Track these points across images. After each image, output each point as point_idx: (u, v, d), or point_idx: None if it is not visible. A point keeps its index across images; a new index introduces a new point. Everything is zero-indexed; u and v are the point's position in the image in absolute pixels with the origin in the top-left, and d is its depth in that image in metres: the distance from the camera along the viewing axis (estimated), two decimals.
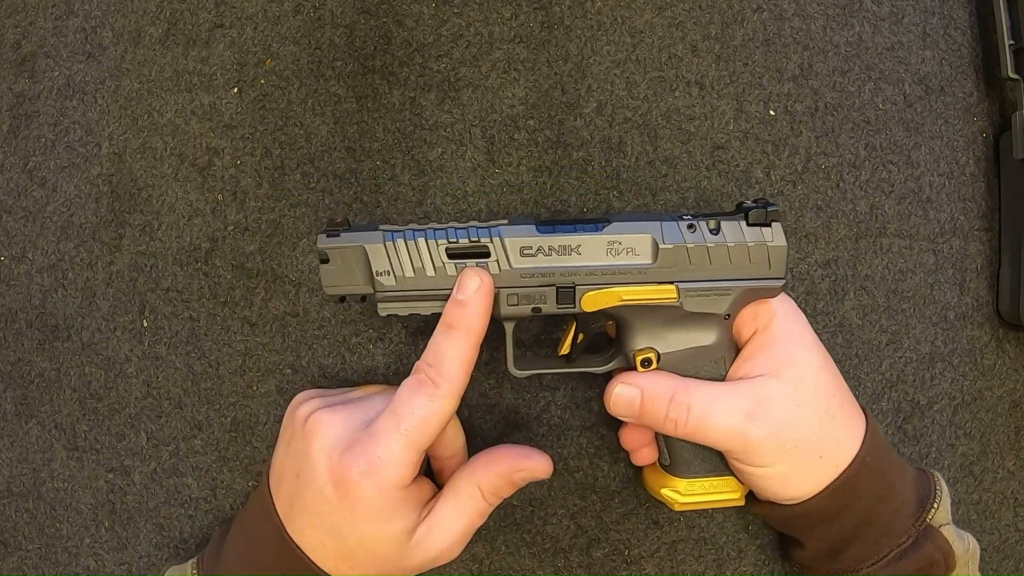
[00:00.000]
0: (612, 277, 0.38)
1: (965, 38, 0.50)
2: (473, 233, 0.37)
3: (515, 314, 0.38)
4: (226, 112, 0.48)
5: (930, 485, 0.40)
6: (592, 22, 0.48)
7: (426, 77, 0.47)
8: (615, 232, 0.38)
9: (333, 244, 0.37)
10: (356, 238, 0.38)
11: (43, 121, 0.49)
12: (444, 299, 0.38)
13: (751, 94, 0.48)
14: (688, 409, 0.37)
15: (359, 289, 0.38)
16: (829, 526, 0.39)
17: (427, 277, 0.38)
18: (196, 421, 0.47)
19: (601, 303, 0.38)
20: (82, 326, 0.48)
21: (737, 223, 0.38)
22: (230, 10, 0.48)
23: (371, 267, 0.37)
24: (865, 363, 0.48)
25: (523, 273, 0.38)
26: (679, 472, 0.41)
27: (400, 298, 0.38)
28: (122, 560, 0.47)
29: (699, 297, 0.38)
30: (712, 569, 0.46)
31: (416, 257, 0.37)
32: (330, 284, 0.38)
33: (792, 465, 0.37)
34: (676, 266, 0.38)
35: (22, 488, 0.48)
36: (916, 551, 0.38)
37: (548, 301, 0.38)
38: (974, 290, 0.49)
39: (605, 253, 0.38)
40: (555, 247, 0.38)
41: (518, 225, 0.38)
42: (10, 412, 0.48)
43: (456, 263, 0.37)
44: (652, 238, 0.38)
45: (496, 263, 0.38)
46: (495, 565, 0.46)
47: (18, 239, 0.49)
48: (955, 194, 0.49)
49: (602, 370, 0.41)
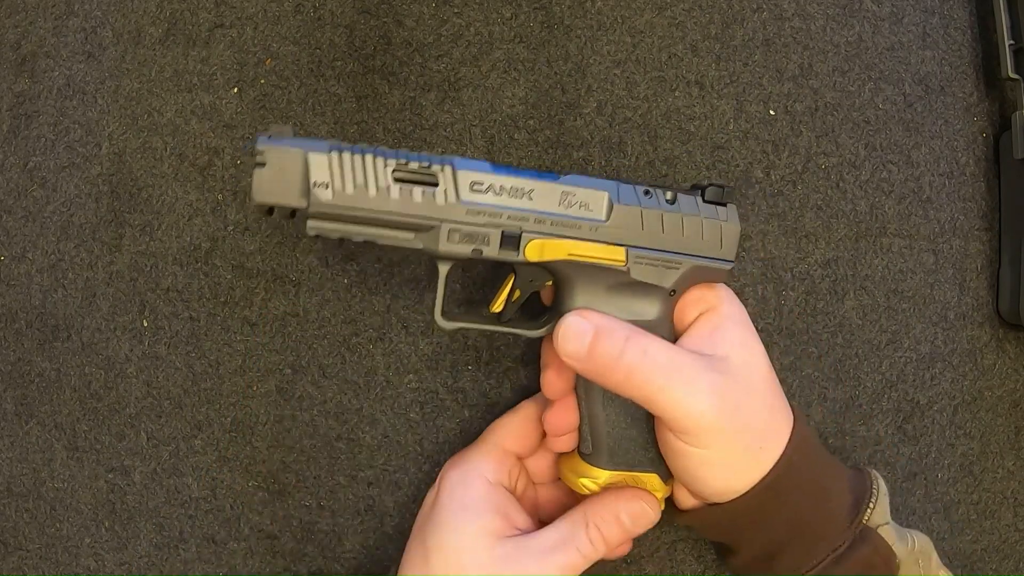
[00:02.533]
0: (562, 228, 0.36)
1: (965, 38, 0.50)
2: (424, 160, 0.36)
3: (454, 253, 0.36)
4: (226, 112, 0.48)
5: (866, 485, 0.39)
6: (592, 22, 0.48)
7: (426, 77, 0.47)
8: (571, 184, 0.37)
9: (273, 146, 0.34)
10: (299, 143, 0.35)
11: (43, 121, 0.49)
12: (380, 225, 0.35)
13: (751, 94, 0.48)
14: (644, 353, 0.35)
15: (291, 201, 0.35)
16: (759, 530, 0.37)
17: (367, 197, 0.35)
18: (196, 421, 0.47)
19: (547, 254, 0.36)
20: (82, 326, 0.48)
21: (694, 198, 0.38)
22: (230, 10, 0.48)
23: (309, 178, 0.34)
24: (865, 363, 0.48)
25: (470, 209, 0.36)
26: (600, 462, 0.39)
27: (334, 216, 0.35)
28: (122, 560, 0.47)
29: (647, 265, 0.37)
30: (712, 569, 0.46)
31: (360, 173, 0.35)
32: (261, 191, 0.34)
33: (734, 452, 0.36)
34: (628, 228, 0.37)
35: (22, 488, 0.48)
36: (852, 554, 0.37)
37: (491, 244, 0.36)
38: (974, 290, 0.49)
39: (558, 203, 0.36)
40: (507, 188, 0.36)
41: (472, 160, 0.36)
42: (10, 412, 0.48)
43: (401, 187, 0.35)
44: (608, 196, 0.37)
45: (444, 193, 0.35)
46: None
47: (18, 239, 0.49)
48: (955, 194, 0.49)
49: (535, 334, 0.39)
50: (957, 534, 0.48)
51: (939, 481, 0.48)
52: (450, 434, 0.46)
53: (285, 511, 0.46)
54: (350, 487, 0.46)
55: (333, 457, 0.46)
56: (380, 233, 0.36)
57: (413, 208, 0.35)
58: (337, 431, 0.46)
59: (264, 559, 0.47)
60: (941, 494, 0.48)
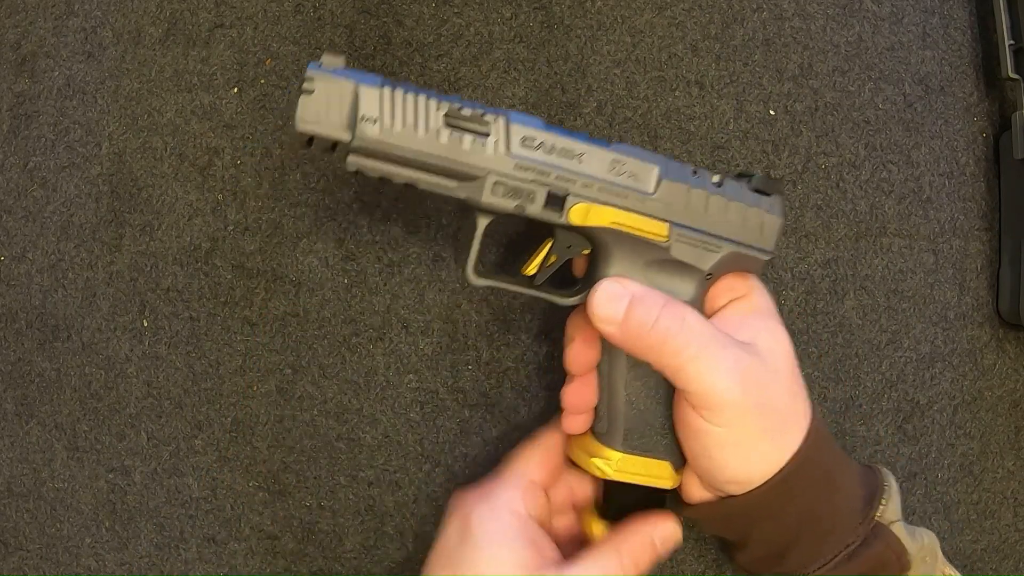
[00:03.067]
0: (609, 195, 0.36)
1: (965, 38, 0.50)
2: (479, 107, 0.35)
3: (496, 206, 0.35)
4: (226, 112, 0.48)
5: (877, 481, 0.38)
6: (592, 22, 0.48)
7: (426, 77, 0.47)
8: (622, 152, 0.36)
9: (323, 74, 0.33)
10: (351, 75, 0.33)
11: (43, 121, 0.49)
12: (424, 168, 0.34)
13: (751, 94, 0.48)
14: (683, 320, 0.34)
15: (334, 132, 0.33)
16: (771, 525, 0.37)
17: (415, 137, 0.34)
18: (196, 421, 0.47)
19: (591, 219, 0.36)
20: (82, 326, 0.48)
21: (741, 184, 0.38)
22: (230, 10, 0.48)
23: (357, 111, 0.33)
24: (865, 363, 0.48)
25: (519, 163, 0.35)
26: (615, 443, 0.38)
27: (377, 154, 0.34)
28: (123, 560, 0.47)
29: (688, 245, 0.37)
30: (712, 569, 0.46)
31: (411, 112, 0.34)
32: (306, 119, 0.33)
33: (753, 434, 0.35)
34: (674, 205, 0.36)
35: (22, 488, 0.48)
36: (866, 551, 0.36)
37: (536, 202, 0.35)
38: (974, 290, 0.49)
39: (607, 169, 0.36)
40: (558, 147, 0.35)
41: (526, 115, 0.35)
42: (10, 412, 0.48)
43: (451, 132, 0.34)
44: (658, 170, 0.36)
45: (494, 144, 0.34)
46: None
47: (18, 239, 0.49)
48: (955, 194, 0.49)
49: (567, 302, 0.38)
50: (957, 534, 0.48)
51: (939, 481, 0.48)
52: (450, 434, 0.46)
53: (285, 511, 0.46)
54: (350, 487, 0.46)
55: (333, 457, 0.46)
56: (422, 177, 0.35)
57: (460, 155, 0.34)
58: (337, 431, 0.46)
59: (264, 559, 0.47)
60: (941, 494, 0.48)
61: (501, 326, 0.46)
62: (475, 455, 0.46)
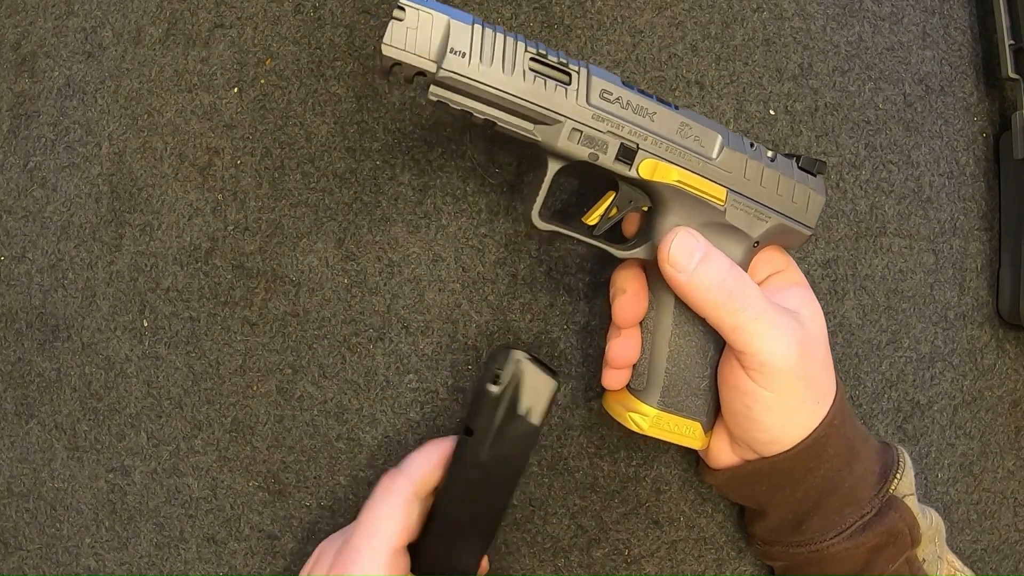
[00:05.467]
0: (676, 155, 0.38)
1: (965, 38, 0.50)
2: (563, 56, 0.36)
3: (571, 152, 0.37)
4: (226, 112, 0.48)
5: (893, 456, 0.40)
6: (592, 22, 0.48)
7: None
8: (690, 117, 0.38)
9: (417, 3, 0.34)
10: (444, 8, 0.34)
11: (43, 121, 0.49)
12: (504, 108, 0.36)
13: (751, 94, 0.48)
14: (745, 285, 0.36)
15: (421, 62, 0.34)
16: (793, 490, 0.38)
17: (500, 75, 0.35)
18: (196, 421, 0.47)
19: (658, 175, 0.37)
20: (82, 326, 0.48)
21: (791, 160, 0.40)
22: (230, 10, 0.48)
23: (447, 43, 0.34)
24: (865, 363, 0.48)
25: (596, 113, 0.36)
26: (651, 400, 0.40)
27: (462, 88, 0.35)
28: (122, 560, 0.47)
29: (742, 211, 0.39)
30: (712, 569, 0.46)
31: (500, 51, 0.35)
32: (393, 44, 0.33)
33: (796, 400, 0.37)
34: (733, 172, 0.38)
35: (22, 488, 0.48)
36: (880, 521, 0.38)
37: (608, 152, 0.37)
38: (974, 290, 0.49)
39: (676, 131, 0.38)
40: (633, 104, 0.37)
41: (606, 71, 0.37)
42: (10, 412, 0.48)
43: (536, 75, 0.35)
44: (721, 138, 0.38)
45: (575, 92, 0.36)
46: (495, 565, 0.46)
47: (18, 239, 0.49)
48: (955, 194, 0.49)
49: (623, 254, 0.39)
50: (957, 534, 0.48)
51: (939, 481, 0.48)
52: (450, 434, 0.46)
53: (285, 511, 0.46)
54: (350, 487, 0.46)
55: (333, 457, 0.46)
56: (502, 116, 0.36)
57: (542, 98, 0.36)
58: (337, 431, 0.46)
59: (264, 559, 0.47)
60: (941, 494, 0.48)
61: (501, 326, 0.46)
62: None
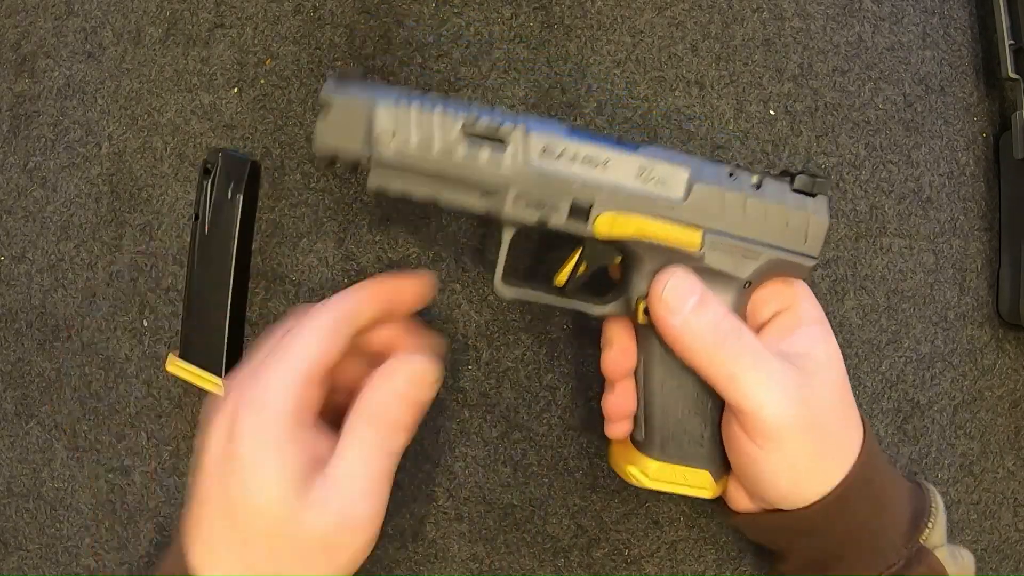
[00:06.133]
0: (636, 204, 0.34)
1: (965, 38, 0.50)
2: (497, 117, 0.33)
3: (518, 219, 0.34)
4: (226, 112, 0.48)
5: (925, 502, 0.37)
6: (592, 22, 0.48)
7: (426, 77, 0.47)
8: (650, 156, 0.34)
9: (340, 93, 0.33)
10: (365, 91, 0.33)
11: (43, 121, 0.49)
12: (443, 183, 0.33)
13: (751, 94, 0.48)
14: (740, 332, 0.33)
15: (354, 151, 0.33)
16: (816, 539, 0.36)
17: (432, 152, 0.33)
18: (196, 421, 0.47)
19: (617, 230, 0.34)
20: (82, 326, 0.48)
21: (782, 184, 0.35)
22: (230, 10, 0.48)
23: (375, 128, 0.33)
24: (865, 363, 0.48)
25: (540, 175, 0.33)
26: (652, 451, 0.37)
27: (396, 170, 0.33)
28: (122, 560, 0.47)
29: (724, 253, 0.35)
30: (712, 569, 0.46)
31: (427, 127, 0.33)
32: (324, 140, 0.33)
33: (804, 458, 0.34)
34: (707, 210, 0.34)
35: (22, 488, 0.48)
36: (907, 573, 0.35)
37: (559, 213, 0.34)
38: (974, 290, 0.49)
39: (634, 176, 0.34)
40: (581, 155, 0.34)
41: (548, 121, 0.34)
42: (10, 412, 0.48)
43: (469, 145, 0.33)
44: (689, 173, 0.34)
45: (512, 156, 0.33)
46: (495, 565, 0.46)
47: (18, 239, 0.49)
48: (955, 194, 0.49)
49: (597, 312, 0.37)
50: (957, 534, 0.48)
51: (939, 481, 0.48)
52: (450, 434, 0.46)
53: None
54: None
55: None
56: (443, 193, 0.34)
57: (478, 169, 0.33)
58: None
59: None
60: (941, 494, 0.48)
61: (501, 326, 0.46)
62: (475, 455, 0.46)
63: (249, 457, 0.31)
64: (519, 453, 0.46)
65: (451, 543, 0.46)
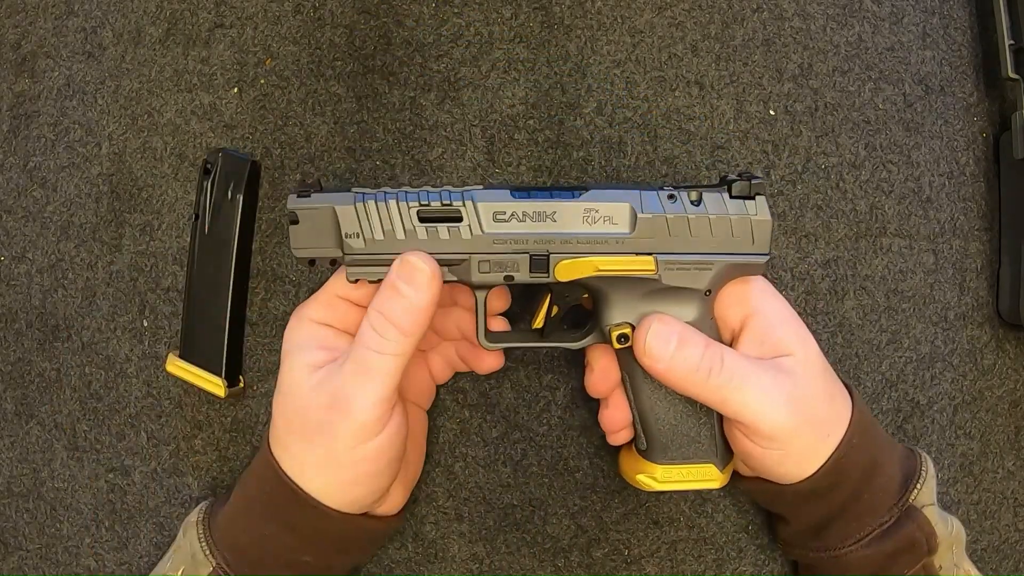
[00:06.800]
0: (588, 246, 0.37)
1: (965, 38, 0.50)
2: (446, 196, 0.37)
3: (487, 282, 0.38)
4: (226, 112, 0.48)
5: (916, 464, 0.40)
6: (592, 22, 0.48)
7: (426, 77, 0.47)
8: (592, 200, 0.37)
9: (303, 205, 0.37)
10: (326, 199, 0.37)
11: (43, 121, 0.49)
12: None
13: (751, 94, 0.48)
14: (722, 360, 0.36)
15: (328, 252, 0.37)
16: (818, 503, 0.39)
17: (397, 240, 0.37)
18: (196, 421, 0.47)
19: (576, 273, 0.37)
20: (82, 326, 0.48)
21: (720, 195, 0.37)
22: (230, 10, 0.48)
23: (341, 229, 0.37)
24: (865, 363, 0.48)
25: (496, 239, 0.37)
26: (655, 457, 0.40)
27: (369, 262, 0.37)
28: (122, 560, 0.47)
29: (679, 270, 0.37)
30: (712, 569, 0.46)
31: (387, 219, 0.37)
32: (299, 246, 0.37)
33: (803, 447, 0.37)
34: (655, 237, 0.37)
35: (22, 488, 0.48)
36: (898, 531, 0.38)
37: (521, 269, 0.37)
38: (974, 290, 0.49)
39: (581, 221, 0.37)
40: (530, 213, 0.37)
41: (492, 190, 0.37)
42: (10, 412, 0.48)
43: (427, 227, 0.37)
44: (631, 207, 0.37)
45: (468, 227, 0.37)
46: (495, 565, 0.46)
47: (18, 239, 0.49)
48: (955, 194, 0.49)
49: (577, 346, 0.40)
50: None
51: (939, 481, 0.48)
52: (450, 434, 0.46)
53: None
54: None
55: None
56: None
57: (441, 245, 0.37)
58: None
59: None
60: (941, 494, 0.48)
61: None
62: (475, 455, 0.46)
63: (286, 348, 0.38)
64: (519, 453, 0.46)
65: (451, 543, 0.46)
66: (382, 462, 0.37)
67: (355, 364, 0.35)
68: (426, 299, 0.36)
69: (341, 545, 0.39)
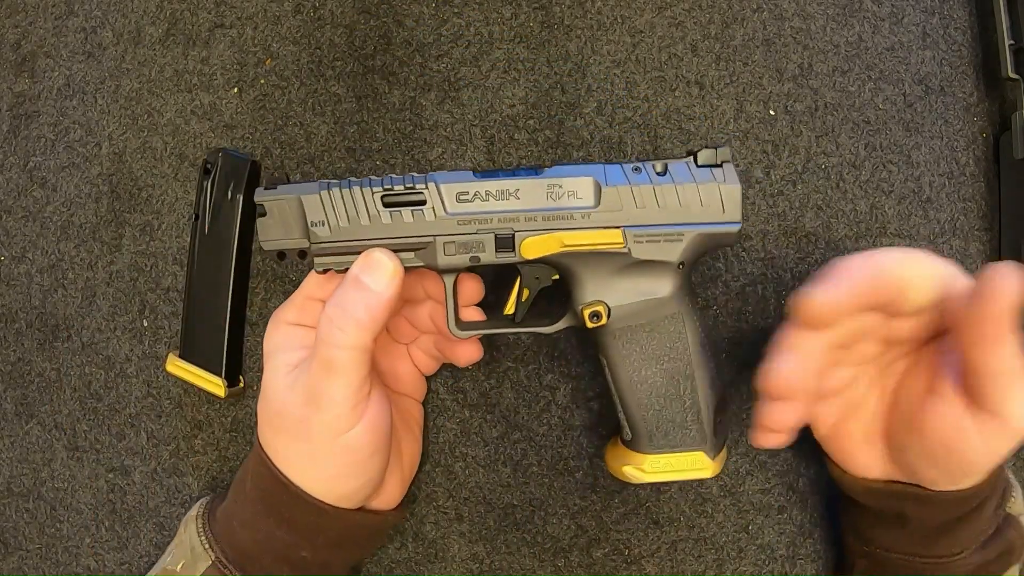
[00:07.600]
0: (553, 222, 0.37)
1: (965, 38, 0.50)
2: (409, 180, 0.37)
3: (453, 264, 0.37)
4: (226, 112, 0.48)
5: (1005, 476, 0.39)
6: (592, 22, 0.48)
7: (426, 77, 0.47)
8: (555, 175, 0.37)
9: (270, 196, 0.37)
10: (292, 190, 0.37)
11: (43, 121, 0.49)
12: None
13: (751, 94, 0.48)
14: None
15: (296, 243, 0.38)
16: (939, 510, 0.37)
17: (362, 227, 0.37)
18: (196, 421, 0.47)
19: (542, 250, 0.37)
20: (82, 326, 0.48)
21: (685, 165, 0.37)
22: (230, 10, 0.48)
23: (307, 219, 0.37)
24: None
25: (460, 219, 0.37)
26: (641, 447, 0.39)
27: (336, 251, 0.37)
28: (122, 560, 0.47)
29: (648, 243, 0.37)
30: (712, 569, 0.46)
31: (351, 206, 0.37)
32: (267, 238, 0.38)
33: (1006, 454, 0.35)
34: (622, 209, 0.36)
35: (22, 488, 0.48)
36: (998, 538, 0.38)
37: (487, 249, 0.37)
38: None
39: (545, 197, 0.37)
40: (493, 192, 0.37)
41: (455, 172, 0.37)
42: (10, 412, 0.48)
43: (391, 211, 0.37)
44: (594, 180, 0.37)
45: (432, 210, 0.37)
46: (495, 565, 0.46)
47: (18, 239, 0.49)
48: (955, 194, 0.49)
49: (550, 330, 0.39)
50: None
51: None
52: (450, 434, 0.46)
53: None
54: None
55: None
56: None
57: (406, 228, 0.37)
58: None
59: None
60: None
61: None
62: (475, 455, 0.46)
63: (267, 351, 0.39)
64: (519, 453, 0.46)
65: (451, 543, 0.46)
66: (364, 453, 0.37)
67: (319, 360, 0.36)
68: (388, 294, 0.36)
69: (338, 540, 0.39)
